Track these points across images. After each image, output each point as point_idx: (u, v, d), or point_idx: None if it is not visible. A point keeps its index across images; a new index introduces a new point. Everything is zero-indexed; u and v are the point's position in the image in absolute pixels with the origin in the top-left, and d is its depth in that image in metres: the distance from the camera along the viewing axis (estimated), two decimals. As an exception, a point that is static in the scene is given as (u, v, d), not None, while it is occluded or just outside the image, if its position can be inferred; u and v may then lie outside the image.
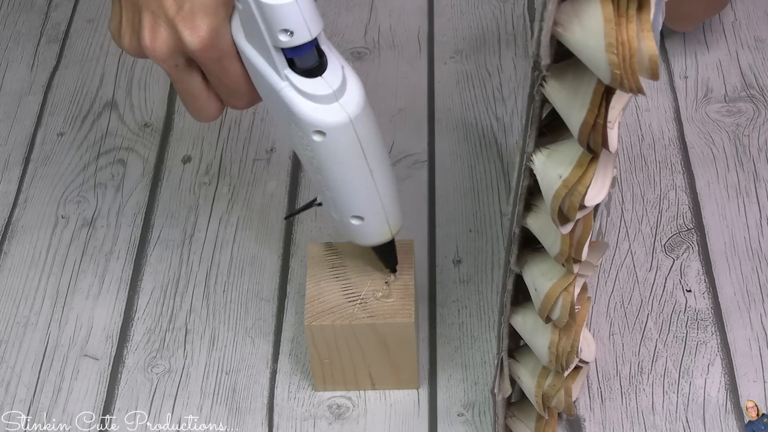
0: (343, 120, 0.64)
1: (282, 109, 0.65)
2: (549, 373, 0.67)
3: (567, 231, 0.57)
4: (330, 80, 0.63)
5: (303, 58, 0.62)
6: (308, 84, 0.63)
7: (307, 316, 0.75)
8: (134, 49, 0.67)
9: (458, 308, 0.85)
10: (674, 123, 0.98)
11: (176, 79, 0.67)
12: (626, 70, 0.46)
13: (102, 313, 0.87)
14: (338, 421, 0.79)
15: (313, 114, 0.64)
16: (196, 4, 0.63)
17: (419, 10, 1.11)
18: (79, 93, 1.05)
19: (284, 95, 0.64)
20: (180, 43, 0.64)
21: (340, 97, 0.64)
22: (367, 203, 0.70)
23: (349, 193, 0.69)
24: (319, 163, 0.67)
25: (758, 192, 0.91)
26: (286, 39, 0.60)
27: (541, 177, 0.56)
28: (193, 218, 0.93)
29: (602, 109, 0.51)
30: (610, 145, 0.52)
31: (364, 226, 0.72)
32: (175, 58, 0.66)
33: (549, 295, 0.61)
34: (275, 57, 0.62)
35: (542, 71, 0.52)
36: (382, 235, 0.73)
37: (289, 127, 0.66)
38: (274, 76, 0.64)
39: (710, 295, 0.84)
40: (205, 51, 0.64)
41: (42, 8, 1.15)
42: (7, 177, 0.98)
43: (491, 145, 0.97)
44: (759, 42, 1.04)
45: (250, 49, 0.64)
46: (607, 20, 0.46)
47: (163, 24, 0.64)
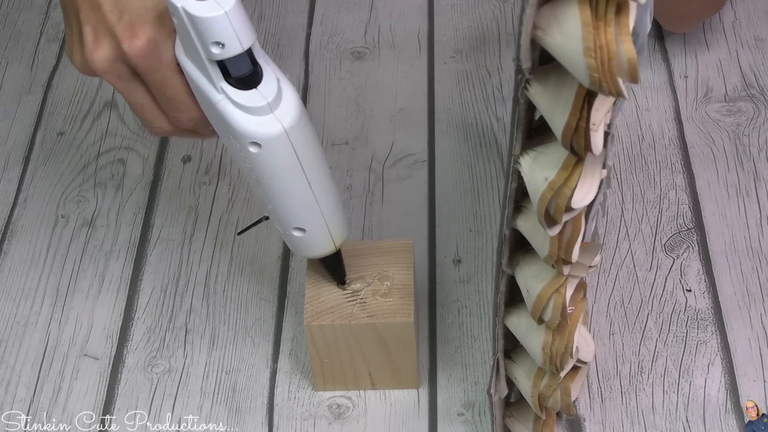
0: (277, 131, 0.65)
1: (220, 122, 0.66)
2: (545, 373, 0.67)
3: (555, 233, 0.57)
4: (265, 92, 0.64)
5: (236, 68, 0.63)
6: (243, 96, 0.64)
7: (306, 315, 0.75)
8: (82, 65, 0.68)
9: (458, 308, 0.85)
10: (674, 123, 0.98)
11: (122, 91, 0.68)
12: (605, 74, 0.47)
13: (102, 312, 0.87)
14: (338, 421, 0.79)
15: (248, 125, 0.65)
16: (135, 15, 0.65)
17: (419, 10, 1.11)
18: (79, 93, 1.05)
19: (221, 108, 0.65)
20: (119, 51, 0.65)
21: (275, 109, 0.65)
22: (308, 215, 0.71)
23: (288, 204, 0.70)
24: (257, 174, 0.68)
25: (758, 192, 0.91)
26: (219, 51, 0.61)
27: (527, 179, 0.56)
28: (193, 218, 0.93)
29: (584, 112, 0.51)
30: (593, 148, 0.51)
31: (306, 239, 0.72)
32: (117, 69, 0.67)
33: (540, 297, 0.61)
34: (210, 70, 0.63)
35: (525, 74, 0.52)
36: (325, 248, 0.74)
37: (228, 139, 0.67)
38: (211, 89, 0.65)
39: (710, 295, 0.84)
40: (144, 59, 0.65)
41: (42, 8, 1.15)
42: (7, 177, 0.98)
43: (491, 145, 0.97)
44: (759, 41, 1.04)
45: (189, 64, 0.65)
46: (585, 24, 0.46)
47: (104, 35, 0.65)
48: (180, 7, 0.60)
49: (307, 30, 1.10)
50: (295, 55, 1.07)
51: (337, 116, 1.01)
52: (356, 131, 0.99)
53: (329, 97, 1.03)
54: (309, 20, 1.11)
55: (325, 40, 1.09)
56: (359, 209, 0.92)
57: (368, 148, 0.98)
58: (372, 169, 0.96)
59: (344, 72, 1.05)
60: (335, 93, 1.03)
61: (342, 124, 1.00)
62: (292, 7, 1.13)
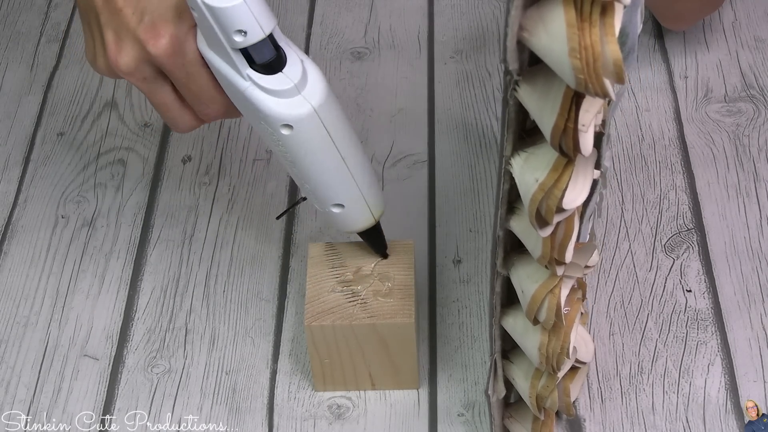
0: (307, 111, 0.66)
1: (250, 108, 0.67)
2: (542, 374, 0.67)
3: (546, 234, 0.57)
4: (290, 74, 0.65)
5: (260, 54, 0.64)
6: (269, 80, 0.65)
7: (307, 316, 0.75)
8: (107, 69, 0.68)
9: (458, 308, 0.85)
10: (674, 123, 0.98)
11: (147, 92, 0.69)
12: (590, 75, 0.47)
13: (102, 313, 0.87)
14: (338, 421, 0.79)
15: (277, 109, 0.66)
16: (155, 15, 0.65)
17: (419, 10, 1.11)
18: (79, 93, 1.05)
19: (249, 95, 0.66)
20: (144, 53, 0.66)
21: (302, 90, 0.66)
22: (345, 190, 0.72)
23: (325, 182, 0.71)
24: (292, 156, 0.69)
25: (758, 192, 0.91)
26: (241, 39, 0.62)
27: (519, 180, 0.57)
28: (193, 218, 0.93)
29: (572, 113, 0.51)
30: (583, 149, 0.51)
31: (345, 214, 0.74)
32: (142, 71, 0.67)
33: (535, 297, 0.61)
34: (235, 59, 0.64)
35: (513, 76, 0.52)
36: (365, 221, 0.75)
37: (259, 125, 0.68)
38: (237, 78, 0.66)
39: (710, 295, 0.84)
40: (169, 58, 0.66)
41: (42, 8, 1.15)
42: (7, 177, 0.98)
43: (491, 145, 0.97)
44: (759, 42, 1.04)
45: (214, 56, 0.66)
46: (570, 25, 0.46)
47: (126, 38, 0.66)
48: (199, 1, 0.61)
49: (307, 30, 1.10)
50: (295, 55, 1.07)
51: (337, 116, 1.01)
52: (356, 131, 0.99)
53: (329, 97, 1.03)
54: (309, 20, 1.11)
55: (325, 41, 1.09)
56: (359, 209, 0.92)
57: (368, 148, 0.98)
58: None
59: (344, 72, 1.05)
60: (335, 93, 1.03)
61: (342, 125, 1.00)
62: (292, 7, 1.13)
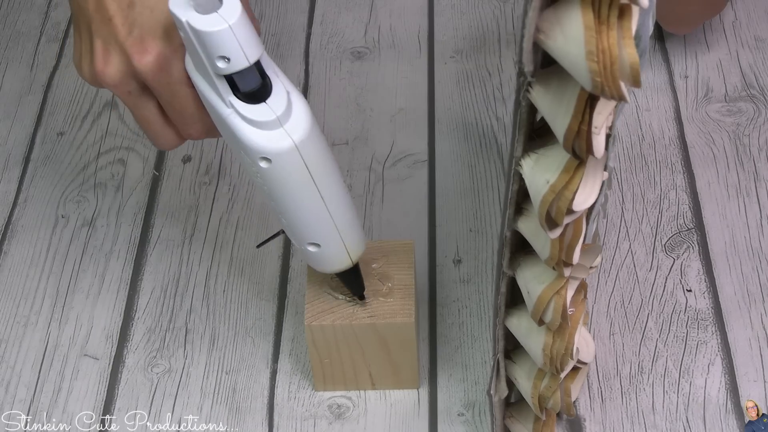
0: (287, 146, 0.63)
1: (230, 135, 0.65)
2: (545, 374, 0.67)
3: (556, 236, 0.57)
4: (274, 105, 0.63)
5: (244, 82, 0.62)
6: (252, 110, 0.63)
7: (307, 315, 0.75)
8: (91, 78, 0.68)
9: (458, 308, 0.85)
10: (674, 123, 0.98)
11: (131, 106, 0.68)
12: (607, 78, 0.46)
13: (102, 312, 0.87)
14: (338, 421, 0.79)
15: (257, 140, 0.63)
16: (144, 29, 0.64)
17: (419, 10, 1.11)
18: (79, 93, 1.05)
19: (230, 122, 0.63)
20: (130, 66, 0.65)
21: (284, 123, 0.63)
22: (322, 230, 0.69)
23: (301, 219, 0.68)
24: (269, 189, 0.66)
25: (758, 191, 0.91)
26: (224, 66, 0.60)
27: (529, 182, 0.56)
28: (193, 218, 0.93)
29: (586, 115, 0.50)
30: (595, 152, 0.51)
31: (321, 253, 0.71)
32: (127, 84, 0.66)
33: (541, 299, 0.61)
34: (218, 84, 0.62)
35: (527, 77, 0.52)
36: (341, 262, 0.72)
37: (239, 153, 0.65)
38: (220, 104, 0.63)
39: (710, 295, 0.84)
40: (154, 74, 0.65)
41: (42, 8, 1.15)
42: (7, 177, 0.98)
43: (491, 145, 0.97)
44: (759, 41, 1.04)
45: (199, 78, 0.64)
46: (588, 28, 0.46)
47: (114, 49, 0.65)
48: (185, 21, 0.59)
49: (307, 30, 1.10)
50: (295, 55, 1.07)
51: (337, 116, 1.01)
52: (356, 131, 0.99)
53: (329, 97, 1.03)
54: (309, 20, 1.11)
55: (325, 40, 1.09)
56: (359, 209, 0.92)
57: (368, 148, 0.98)
58: (372, 169, 0.96)
59: (344, 72, 1.05)
60: (335, 93, 1.03)
61: (342, 124, 1.00)
62: (292, 7, 1.13)
